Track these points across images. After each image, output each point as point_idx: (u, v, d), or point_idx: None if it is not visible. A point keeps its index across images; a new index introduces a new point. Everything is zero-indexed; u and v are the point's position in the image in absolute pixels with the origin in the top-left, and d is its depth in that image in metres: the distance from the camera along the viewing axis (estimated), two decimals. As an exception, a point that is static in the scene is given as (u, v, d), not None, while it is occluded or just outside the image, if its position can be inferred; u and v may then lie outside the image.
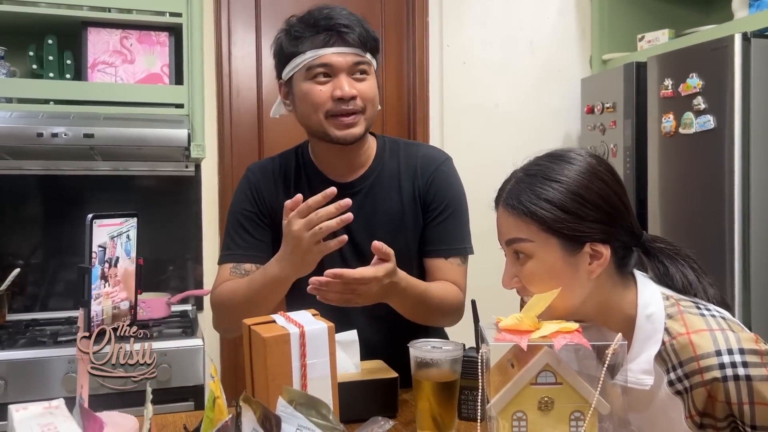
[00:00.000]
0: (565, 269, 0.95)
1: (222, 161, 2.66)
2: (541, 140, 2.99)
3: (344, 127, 1.28)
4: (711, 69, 2.26)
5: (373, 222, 1.37)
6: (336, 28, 1.25)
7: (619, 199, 0.98)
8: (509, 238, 0.99)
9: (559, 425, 0.88)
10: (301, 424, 0.76)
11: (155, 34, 2.31)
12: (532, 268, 0.97)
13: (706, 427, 0.93)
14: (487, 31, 2.92)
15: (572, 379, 0.88)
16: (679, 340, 0.93)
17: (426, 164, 1.39)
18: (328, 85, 1.26)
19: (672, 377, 0.93)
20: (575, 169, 0.96)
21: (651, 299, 0.98)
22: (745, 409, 0.88)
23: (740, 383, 0.87)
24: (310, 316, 0.96)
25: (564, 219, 0.94)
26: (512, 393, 0.88)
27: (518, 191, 0.98)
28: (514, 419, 0.88)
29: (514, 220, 0.98)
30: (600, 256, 0.95)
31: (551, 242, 0.95)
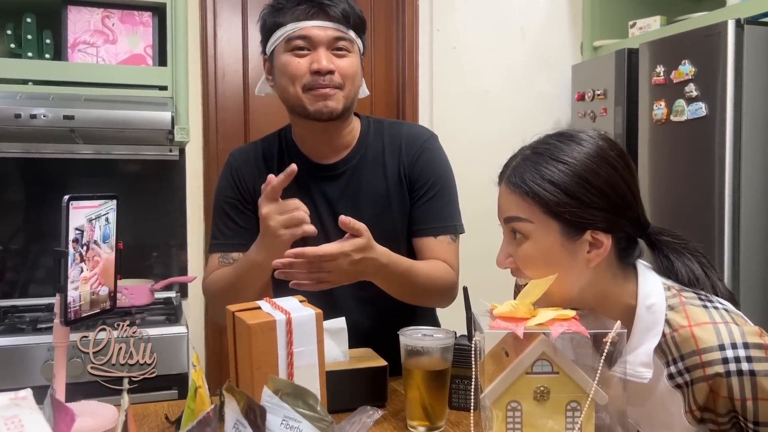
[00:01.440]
0: (562, 255, 0.92)
1: (207, 145, 2.61)
2: (531, 127, 2.92)
3: (320, 98, 1.23)
4: (703, 56, 2.23)
5: (359, 203, 1.34)
6: (318, 1, 1.22)
7: (627, 188, 0.94)
8: (508, 215, 0.96)
9: (555, 416, 0.85)
10: (287, 415, 0.73)
11: (138, 14, 2.25)
12: (528, 250, 0.94)
13: (707, 421, 0.91)
14: (477, 16, 2.88)
15: (569, 369, 0.85)
16: (681, 333, 0.89)
17: (411, 142, 1.36)
18: (307, 58, 1.23)
19: (672, 370, 0.90)
20: (584, 152, 0.92)
21: (652, 290, 0.95)
22: (748, 405, 0.85)
23: (744, 379, 0.84)
24: (298, 303, 0.92)
25: (567, 203, 0.90)
26: (507, 382, 0.85)
27: (523, 169, 0.94)
28: (509, 409, 0.86)
29: (515, 198, 0.94)
30: (600, 245, 0.92)
31: (551, 225, 0.91)
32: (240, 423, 0.72)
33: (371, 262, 1.15)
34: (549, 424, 0.85)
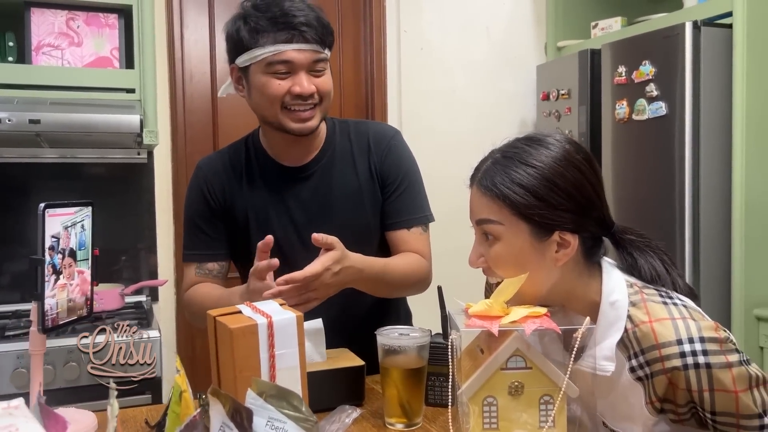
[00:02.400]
0: (531, 255, 0.95)
1: (175, 148, 2.59)
2: (497, 125, 3.02)
3: (301, 120, 1.28)
4: (663, 56, 2.30)
5: (332, 201, 1.37)
6: (297, 27, 1.24)
7: (592, 189, 0.97)
8: (480, 218, 0.99)
9: (529, 409, 0.89)
10: (271, 416, 0.74)
11: (103, 16, 2.23)
12: (499, 251, 0.97)
13: (667, 412, 0.94)
14: (443, 17, 2.92)
15: (542, 364, 0.89)
16: (642, 328, 0.93)
17: (378, 140, 1.41)
18: (287, 80, 1.26)
19: (633, 364, 0.94)
20: (552, 156, 0.96)
21: (615, 287, 0.98)
22: (705, 396, 0.89)
23: (700, 371, 0.88)
24: (278, 306, 0.94)
25: (536, 205, 0.94)
26: (483, 379, 0.88)
27: (494, 173, 0.97)
28: (485, 404, 0.89)
29: (486, 201, 0.97)
30: (567, 245, 0.95)
31: (521, 227, 0.95)
32: (226, 425, 0.73)
33: (349, 270, 1.19)
34: (523, 417, 0.89)
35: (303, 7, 1.27)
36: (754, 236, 2.23)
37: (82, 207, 1.09)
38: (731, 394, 0.88)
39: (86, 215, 1.10)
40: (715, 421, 0.91)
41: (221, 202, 1.38)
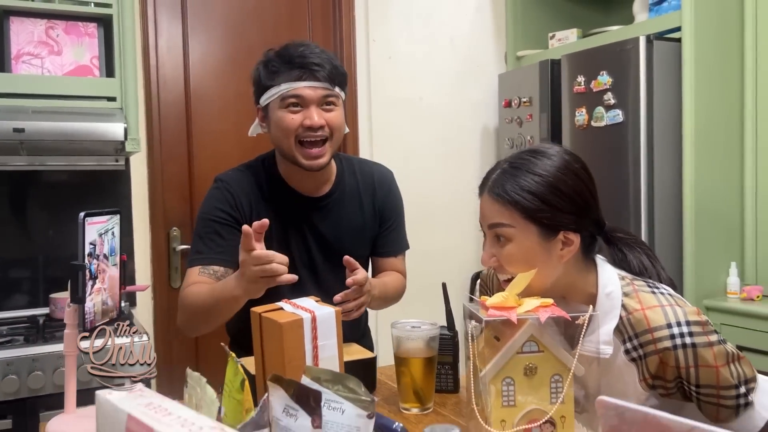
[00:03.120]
0: (539, 253, 1.08)
1: (151, 154, 2.62)
2: (462, 132, 3.16)
3: (312, 157, 1.42)
4: (619, 67, 2.48)
5: (341, 234, 1.53)
6: (308, 66, 1.39)
7: (590, 194, 1.11)
8: (492, 222, 1.10)
9: (542, 387, 1.00)
10: (328, 398, 0.83)
11: (83, 25, 2.25)
12: (511, 250, 1.08)
13: (657, 387, 1.08)
14: (410, 27, 3.03)
15: (552, 347, 1.00)
16: (635, 315, 1.06)
17: (381, 183, 1.61)
18: (300, 114, 1.40)
19: (628, 347, 1.07)
20: (554, 165, 1.08)
21: (609, 279, 1.12)
22: (691, 371, 1.03)
23: (687, 350, 1.02)
24: (315, 303, 1.03)
25: (543, 209, 1.06)
26: (502, 362, 0.99)
27: (504, 181, 1.09)
28: (504, 384, 1.00)
29: (498, 207, 1.09)
30: (571, 243, 1.08)
31: (530, 229, 1.07)
32: (290, 407, 0.82)
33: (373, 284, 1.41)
34: (537, 394, 1.00)
35: (317, 51, 1.43)
36: (704, 233, 2.43)
37: (112, 215, 1.14)
38: (713, 369, 1.02)
39: (116, 223, 1.16)
40: (699, 393, 1.05)
41: (247, 214, 1.46)
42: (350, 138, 2.89)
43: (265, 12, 2.84)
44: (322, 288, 1.46)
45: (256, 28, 2.82)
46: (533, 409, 1.00)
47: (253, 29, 2.82)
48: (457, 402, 1.28)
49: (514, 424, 0.99)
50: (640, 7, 2.68)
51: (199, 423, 0.51)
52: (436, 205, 3.03)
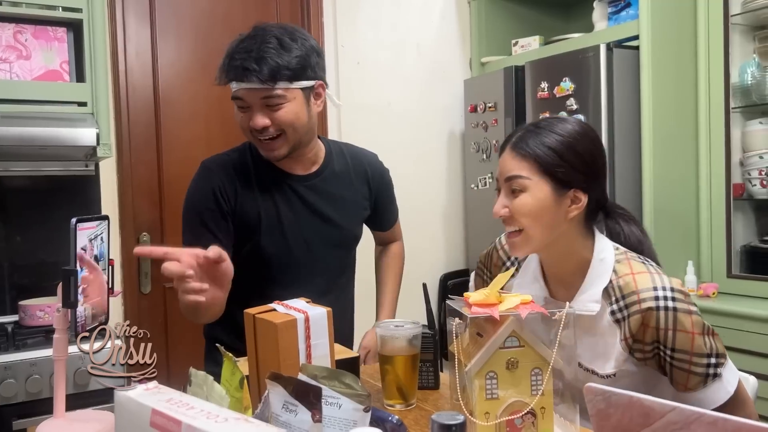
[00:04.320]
0: (550, 206, 1.18)
1: (121, 160, 2.61)
2: (430, 136, 3.23)
3: (267, 150, 1.44)
4: (581, 74, 2.58)
5: (333, 206, 1.55)
6: (244, 68, 1.35)
7: (602, 161, 1.23)
8: (511, 175, 1.19)
9: (523, 380, 1.06)
10: (326, 394, 0.87)
11: (52, 30, 2.23)
12: (524, 200, 1.18)
13: (635, 351, 1.17)
14: (378, 33, 3.09)
15: (533, 342, 1.06)
16: (625, 279, 1.17)
17: (375, 171, 1.67)
18: (247, 114, 1.41)
19: (614, 308, 1.17)
20: (574, 129, 1.20)
21: (605, 248, 1.22)
22: (669, 334, 1.12)
23: (668, 313, 1.12)
24: (305, 303, 1.06)
25: (559, 164, 1.17)
26: (486, 357, 1.04)
27: (527, 138, 1.20)
28: (487, 378, 1.05)
29: (518, 160, 1.19)
30: (579, 202, 1.19)
31: (545, 182, 1.17)
32: (289, 403, 0.85)
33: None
34: (519, 387, 1.06)
35: (261, 48, 1.36)
36: (662, 233, 2.54)
37: (101, 221, 1.16)
38: (689, 335, 1.12)
39: (104, 228, 1.17)
40: (673, 358, 1.14)
41: (233, 202, 1.45)
42: (320, 142, 2.92)
43: (234, 17, 2.85)
44: (317, 265, 1.51)
45: (224, 33, 2.81)
46: (515, 401, 1.05)
47: (222, 34, 2.81)
48: (438, 398, 1.33)
49: (497, 416, 1.05)
50: (600, 15, 2.79)
51: (224, 415, 0.54)
52: (404, 209, 3.04)
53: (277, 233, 1.46)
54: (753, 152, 2.50)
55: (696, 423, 0.56)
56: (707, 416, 0.57)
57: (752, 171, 2.49)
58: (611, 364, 1.19)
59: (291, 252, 1.47)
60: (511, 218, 1.20)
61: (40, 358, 1.93)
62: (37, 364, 1.93)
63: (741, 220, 2.60)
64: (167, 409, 0.56)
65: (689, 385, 1.15)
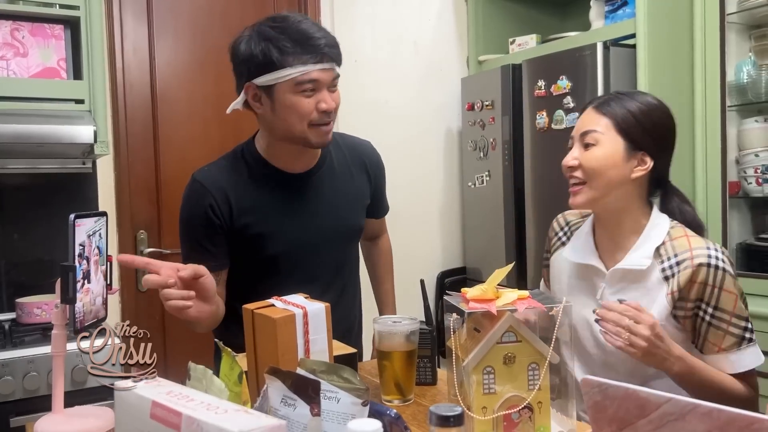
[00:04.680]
0: (618, 162, 1.27)
1: (118, 157, 2.61)
2: (427, 134, 3.23)
3: (324, 134, 1.42)
4: (577, 72, 2.58)
5: (335, 204, 1.54)
6: (322, 49, 1.35)
7: (671, 139, 1.34)
8: (587, 129, 1.30)
9: (520, 375, 1.07)
10: (324, 389, 0.88)
11: (49, 27, 2.23)
12: (595, 153, 1.28)
13: (677, 309, 1.24)
14: (375, 31, 3.09)
15: (530, 337, 1.07)
16: (679, 241, 1.27)
17: (372, 160, 1.68)
18: (313, 98, 1.37)
19: (665, 266, 1.26)
20: (654, 102, 1.32)
21: (662, 218, 1.32)
22: (715, 292, 1.21)
23: (718, 271, 1.21)
24: (303, 298, 1.07)
25: (635, 125, 1.27)
26: (483, 352, 1.05)
27: (611, 100, 1.31)
28: (485, 373, 1.06)
29: (598, 117, 1.30)
30: (645, 165, 1.29)
31: (618, 140, 1.28)
32: (288, 397, 0.86)
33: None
34: (516, 382, 1.06)
35: (321, 29, 1.40)
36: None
37: (100, 217, 1.16)
38: (733, 296, 1.22)
39: (102, 224, 1.17)
40: (713, 316, 1.21)
41: (226, 217, 1.43)
42: (317, 140, 2.92)
43: (231, 15, 2.85)
44: (324, 261, 1.51)
45: (222, 31, 2.83)
46: (512, 396, 1.06)
47: (220, 32, 2.83)
48: (435, 393, 1.34)
49: (494, 410, 1.05)
50: (596, 14, 2.79)
51: (224, 406, 0.54)
52: (401, 206, 3.07)
53: (281, 236, 1.45)
54: (749, 150, 2.51)
55: (691, 414, 0.57)
56: (702, 407, 0.58)
57: (748, 169, 2.50)
58: (652, 315, 1.22)
59: (297, 252, 1.47)
60: (576, 168, 1.30)
61: (38, 355, 1.93)
62: (34, 361, 1.93)
63: (737, 218, 2.61)
64: (167, 401, 0.57)
65: (724, 345, 1.21)
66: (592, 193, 1.29)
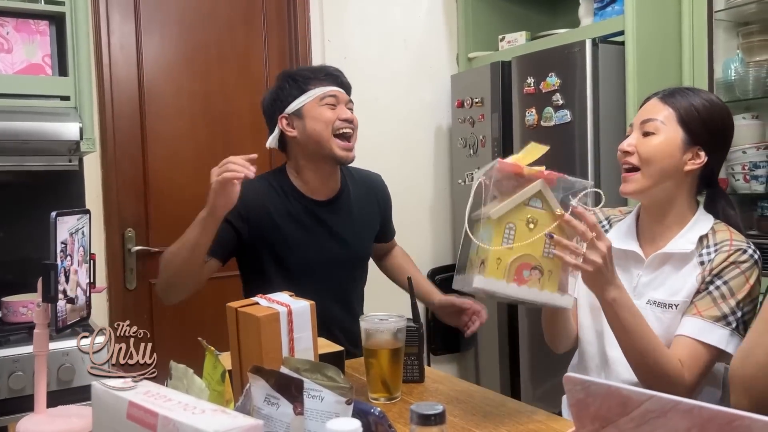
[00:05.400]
0: (673, 153, 1.29)
1: (105, 155, 2.59)
2: (417, 132, 3.22)
3: (346, 149, 1.67)
4: (567, 69, 2.59)
5: (355, 230, 1.77)
6: (336, 74, 1.71)
7: (730, 135, 1.36)
8: (648, 118, 1.32)
9: (538, 241, 1.10)
10: (308, 387, 0.87)
11: (34, 23, 2.21)
12: (653, 141, 1.30)
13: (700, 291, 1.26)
14: (365, 28, 3.08)
15: (554, 207, 1.12)
16: (722, 233, 1.29)
17: (380, 192, 1.91)
18: (335, 111, 1.66)
19: (703, 252, 1.29)
20: (716, 100, 1.34)
21: (706, 215, 1.35)
22: (733, 270, 1.24)
23: (750, 259, 1.25)
24: (288, 296, 1.06)
25: (696, 119, 1.30)
26: (508, 207, 1.09)
27: (676, 93, 1.34)
28: (506, 228, 1.10)
29: (660, 107, 1.32)
30: (699, 159, 1.30)
31: (677, 131, 1.30)
32: (271, 396, 0.85)
33: None
34: (533, 245, 1.10)
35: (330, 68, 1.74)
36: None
37: (83, 215, 1.15)
38: (747, 284, 1.24)
39: (85, 222, 1.16)
40: (717, 287, 1.24)
41: (254, 218, 1.65)
42: (306, 137, 2.91)
43: (220, 11, 2.83)
44: (335, 278, 1.71)
45: (210, 27, 2.81)
46: (526, 254, 1.10)
47: (208, 29, 2.81)
48: (423, 391, 1.33)
49: (507, 264, 1.09)
50: (585, 11, 2.79)
51: (201, 406, 0.54)
52: (391, 204, 3.08)
53: (300, 253, 1.66)
54: (736, 147, 2.52)
55: (672, 411, 0.57)
56: (683, 404, 0.58)
57: (735, 166, 2.51)
58: (681, 295, 1.27)
59: (312, 269, 1.67)
60: (631, 154, 1.32)
61: (23, 354, 1.91)
62: (19, 360, 1.90)
63: (725, 214, 2.62)
64: (144, 402, 0.56)
65: (705, 312, 1.22)
66: (644, 182, 1.30)
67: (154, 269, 2.71)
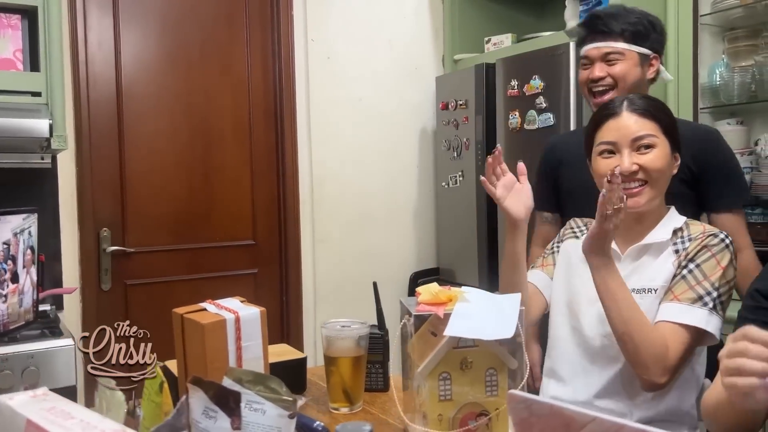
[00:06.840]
0: (669, 161, 1.33)
1: (80, 152, 2.54)
2: (401, 133, 3.18)
3: (598, 100, 1.79)
4: (550, 72, 2.55)
5: None
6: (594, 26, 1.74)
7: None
8: (640, 135, 1.31)
9: (477, 381, 1.03)
10: (249, 399, 0.82)
11: (6, 17, 2.16)
12: (657, 155, 1.31)
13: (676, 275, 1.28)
14: (349, 28, 3.04)
15: (487, 342, 1.02)
16: (695, 226, 1.33)
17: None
18: (588, 70, 1.79)
19: (678, 241, 1.32)
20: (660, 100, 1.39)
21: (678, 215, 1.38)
22: (705, 254, 1.27)
23: (722, 243, 1.27)
24: (239, 302, 1.01)
25: (674, 126, 1.34)
26: (439, 357, 1.01)
27: (639, 101, 1.34)
28: (440, 379, 1.02)
29: (643, 121, 1.32)
30: (677, 161, 1.36)
31: (665, 142, 1.32)
32: (209, 409, 0.81)
33: None
34: (473, 388, 1.02)
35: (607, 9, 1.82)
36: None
37: (29, 214, 1.10)
38: (719, 267, 1.26)
39: (33, 222, 1.12)
40: (690, 271, 1.26)
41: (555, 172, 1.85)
42: (288, 137, 2.87)
43: (202, 9, 2.79)
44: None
45: (192, 25, 2.77)
46: (469, 403, 1.02)
47: (190, 26, 2.76)
48: (386, 400, 1.29)
49: (450, 418, 1.01)
50: (571, 14, 2.76)
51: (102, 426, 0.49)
52: (373, 206, 3.04)
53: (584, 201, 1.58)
54: (721, 153, 2.49)
55: (614, 435, 0.53)
56: (628, 428, 0.54)
57: (720, 172, 2.48)
58: (659, 280, 1.29)
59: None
60: (639, 172, 1.31)
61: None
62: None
63: (709, 221, 2.58)
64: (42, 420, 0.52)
65: (681, 296, 1.23)
66: (654, 193, 1.31)
67: (129, 270, 2.66)
